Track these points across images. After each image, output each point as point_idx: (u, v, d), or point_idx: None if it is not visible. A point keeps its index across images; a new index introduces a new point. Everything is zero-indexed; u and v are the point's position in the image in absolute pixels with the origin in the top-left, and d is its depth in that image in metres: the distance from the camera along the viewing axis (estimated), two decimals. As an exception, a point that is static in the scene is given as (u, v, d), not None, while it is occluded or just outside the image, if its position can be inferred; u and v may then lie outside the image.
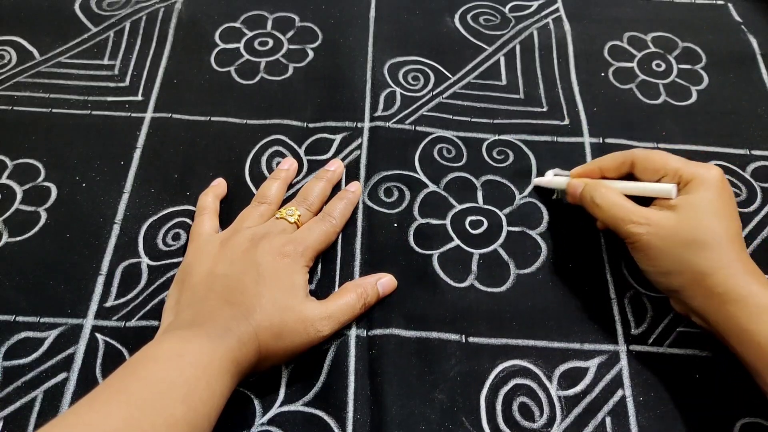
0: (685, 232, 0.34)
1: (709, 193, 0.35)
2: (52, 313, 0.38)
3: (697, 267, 0.34)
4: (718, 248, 0.34)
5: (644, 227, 0.35)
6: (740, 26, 0.55)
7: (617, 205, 0.37)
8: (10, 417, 0.35)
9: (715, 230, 0.34)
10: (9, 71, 0.49)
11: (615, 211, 0.37)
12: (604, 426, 0.35)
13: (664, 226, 0.35)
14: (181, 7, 0.55)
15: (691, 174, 0.36)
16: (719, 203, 0.35)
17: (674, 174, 0.37)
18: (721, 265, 0.33)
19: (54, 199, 0.43)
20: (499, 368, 0.37)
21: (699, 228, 0.34)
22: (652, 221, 0.35)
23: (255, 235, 0.38)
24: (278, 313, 0.35)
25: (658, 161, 0.38)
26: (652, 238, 0.35)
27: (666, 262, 0.35)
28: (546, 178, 0.44)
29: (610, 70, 0.52)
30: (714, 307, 0.33)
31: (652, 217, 0.36)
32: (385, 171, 0.45)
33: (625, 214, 0.36)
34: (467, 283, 0.40)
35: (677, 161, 0.37)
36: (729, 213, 0.35)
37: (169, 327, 0.35)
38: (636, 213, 0.36)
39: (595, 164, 0.41)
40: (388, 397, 0.36)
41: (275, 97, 0.49)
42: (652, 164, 0.38)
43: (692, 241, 0.34)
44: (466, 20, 0.55)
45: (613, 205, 0.37)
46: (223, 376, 0.31)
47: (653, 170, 0.38)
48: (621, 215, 0.37)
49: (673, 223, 0.35)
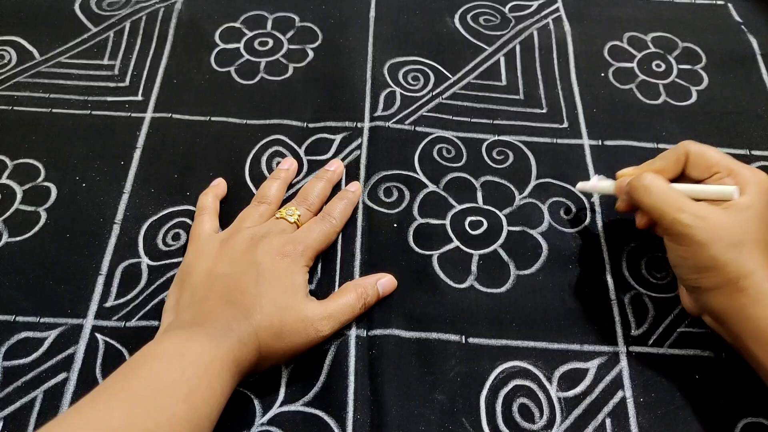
0: (733, 231, 0.33)
1: (762, 198, 0.35)
2: (52, 313, 0.38)
3: (737, 267, 0.33)
4: (760, 253, 0.33)
5: (694, 219, 0.34)
6: (740, 26, 0.55)
7: (668, 192, 0.36)
8: (10, 417, 0.35)
9: (761, 236, 0.34)
10: (9, 71, 0.49)
11: (664, 197, 0.35)
12: (604, 427, 0.35)
13: (715, 222, 0.34)
14: (181, 7, 0.55)
15: (745, 177, 0.35)
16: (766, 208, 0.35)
17: (727, 171, 0.36)
18: (758, 268, 0.33)
19: (54, 199, 0.43)
20: (499, 369, 0.37)
21: (747, 230, 0.34)
22: (701, 215, 0.34)
23: (255, 235, 0.38)
24: (278, 313, 0.35)
25: (711, 157, 0.37)
26: (698, 231, 0.34)
27: (705, 259, 0.34)
28: (591, 183, 0.42)
29: (610, 70, 0.52)
30: (741, 307, 0.33)
31: (703, 211, 0.34)
32: (385, 171, 0.45)
33: (676, 202, 0.35)
34: (467, 284, 0.40)
35: (729, 160, 0.36)
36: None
37: (169, 327, 0.35)
38: (687, 203, 0.35)
39: (648, 166, 0.39)
40: (388, 397, 0.36)
41: (275, 97, 0.49)
42: (705, 160, 0.37)
43: (739, 241, 0.33)
44: (466, 20, 0.55)
45: (664, 190, 0.36)
46: (223, 376, 0.31)
47: (705, 167, 0.37)
48: (670, 202, 0.35)
49: (725, 220, 0.34)
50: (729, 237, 0.33)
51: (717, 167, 0.36)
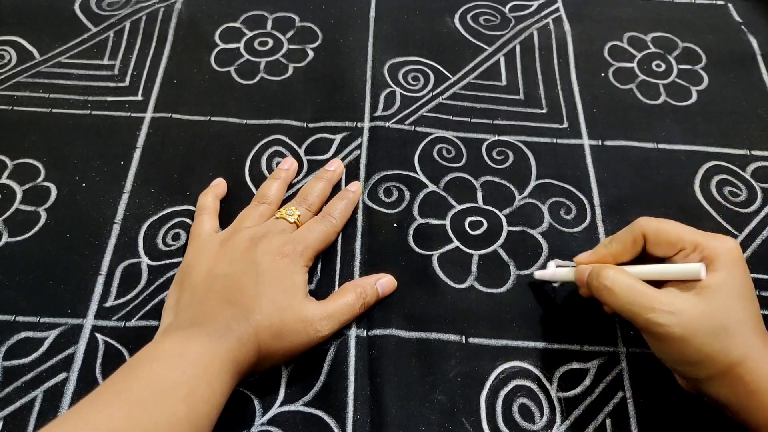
0: (713, 319, 0.31)
1: (735, 273, 0.32)
2: (52, 313, 0.38)
3: (726, 355, 0.31)
4: (746, 334, 0.31)
5: (669, 316, 0.31)
6: (740, 26, 0.55)
7: (634, 290, 0.32)
8: (10, 417, 0.35)
9: (744, 315, 0.31)
10: (9, 71, 0.49)
11: (632, 296, 0.32)
12: (604, 427, 0.35)
13: (692, 313, 0.31)
14: (181, 7, 0.55)
15: (714, 250, 0.32)
16: (743, 284, 0.32)
17: (692, 248, 0.33)
18: (749, 351, 0.31)
19: (54, 199, 0.43)
20: (499, 369, 0.37)
21: (728, 314, 0.31)
22: (677, 308, 0.31)
23: (255, 235, 0.38)
24: (278, 313, 0.35)
25: (671, 234, 0.34)
26: (675, 329, 0.31)
27: (691, 352, 0.31)
28: (549, 271, 0.39)
29: (610, 70, 0.52)
30: (742, 395, 0.31)
31: (678, 303, 0.31)
32: (385, 171, 0.45)
33: (645, 300, 0.32)
34: (467, 284, 0.40)
35: (692, 233, 0.34)
36: (751, 294, 0.33)
37: (169, 327, 0.35)
38: (658, 299, 0.32)
39: (603, 250, 0.36)
40: (388, 397, 0.36)
41: (275, 97, 0.49)
42: (665, 238, 0.34)
43: (721, 328, 0.31)
44: (466, 20, 0.55)
45: (629, 289, 0.33)
46: (223, 376, 0.31)
47: (668, 244, 0.34)
48: (639, 301, 0.32)
49: (702, 309, 0.31)
50: (710, 326, 0.31)
51: (681, 243, 0.33)
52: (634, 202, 0.44)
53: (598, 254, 0.37)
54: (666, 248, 0.34)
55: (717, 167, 0.46)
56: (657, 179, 0.45)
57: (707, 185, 0.45)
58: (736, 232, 0.43)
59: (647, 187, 0.45)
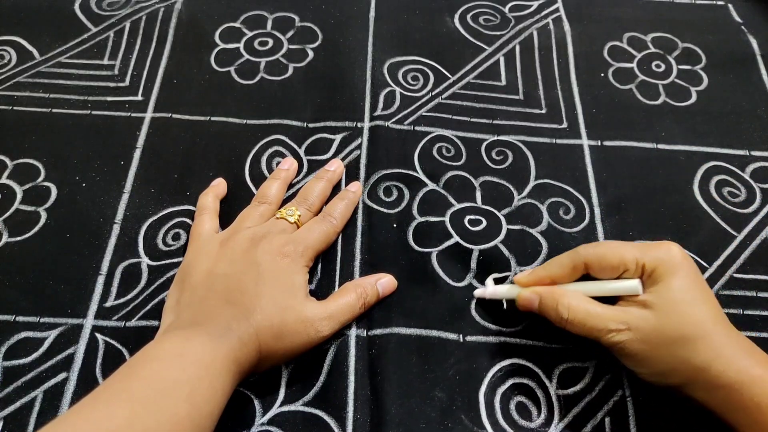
0: (668, 329, 0.32)
1: (679, 279, 0.32)
2: (52, 313, 0.38)
3: (692, 362, 0.31)
4: (707, 338, 0.31)
5: (624, 334, 0.32)
6: (740, 26, 0.55)
7: (589, 315, 0.33)
8: (10, 417, 0.35)
9: (698, 319, 0.32)
10: (9, 71, 0.49)
11: (588, 322, 0.33)
12: (603, 426, 0.36)
13: (645, 328, 0.32)
14: (181, 7, 0.55)
15: (652, 261, 0.33)
16: (692, 287, 0.33)
17: (635, 266, 0.33)
18: (715, 354, 0.31)
19: (54, 199, 0.43)
20: (497, 367, 0.37)
21: (682, 322, 0.31)
22: (631, 325, 0.32)
23: (255, 235, 0.38)
24: (278, 313, 0.35)
25: (612, 258, 0.34)
26: (635, 343, 0.32)
27: (657, 363, 0.32)
28: (489, 289, 0.39)
29: (610, 70, 0.52)
30: (721, 398, 0.31)
31: (630, 320, 0.32)
32: (385, 170, 0.45)
33: (600, 322, 0.33)
34: (466, 282, 0.40)
35: (632, 250, 0.34)
36: (704, 295, 0.33)
37: (169, 327, 0.35)
38: (612, 319, 0.33)
39: (542, 272, 0.36)
40: (388, 396, 0.36)
41: (275, 97, 0.49)
42: (607, 262, 0.34)
43: (679, 337, 0.31)
44: (466, 20, 0.55)
45: (584, 316, 0.33)
46: (224, 376, 0.31)
47: (611, 268, 0.34)
48: (597, 325, 0.33)
49: (653, 322, 0.32)
50: (665, 337, 0.31)
51: (623, 265, 0.34)
52: (633, 202, 0.44)
53: (536, 275, 0.36)
54: (610, 272, 0.34)
55: (716, 167, 0.46)
56: (656, 179, 0.45)
57: (706, 185, 0.45)
58: (735, 233, 0.43)
59: (646, 187, 0.45)
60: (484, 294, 0.39)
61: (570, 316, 0.34)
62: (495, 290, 0.38)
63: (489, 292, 0.39)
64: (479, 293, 0.39)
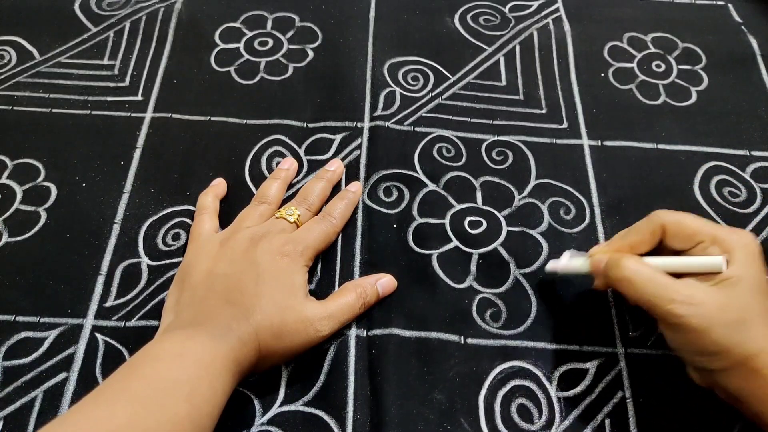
0: (732, 311, 0.31)
1: (753, 268, 0.32)
2: (52, 313, 0.38)
3: (744, 348, 0.31)
4: (763, 328, 0.31)
5: (687, 307, 0.31)
6: (740, 27, 0.55)
7: (652, 280, 0.32)
8: (10, 417, 0.35)
9: (759, 309, 0.31)
10: (9, 71, 0.49)
11: (651, 288, 0.32)
12: (603, 427, 0.36)
13: (711, 305, 0.31)
14: (181, 7, 0.55)
15: (731, 243, 0.33)
16: (761, 278, 0.32)
17: (711, 240, 0.33)
18: (766, 345, 0.31)
19: (54, 199, 0.43)
20: (498, 369, 0.37)
21: (746, 306, 0.31)
22: (696, 300, 0.31)
23: (255, 235, 0.38)
24: (278, 312, 0.35)
25: (690, 225, 0.34)
26: (694, 319, 0.31)
27: (708, 344, 0.31)
28: (562, 261, 0.38)
29: (610, 70, 0.52)
30: (756, 388, 0.31)
31: (697, 295, 0.31)
32: (385, 170, 0.45)
33: (665, 291, 0.32)
34: (466, 284, 0.40)
35: (710, 226, 0.34)
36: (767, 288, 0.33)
37: (169, 327, 0.35)
38: (677, 291, 0.32)
39: (620, 241, 0.36)
40: (388, 397, 0.36)
41: (275, 97, 0.49)
42: (685, 230, 0.34)
43: (739, 320, 0.31)
44: (466, 20, 0.55)
45: (647, 279, 0.33)
46: (224, 375, 0.31)
47: (686, 236, 0.34)
48: (658, 293, 0.32)
49: (721, 301, 0.31)
50: (728, 318, 0.31)
51: (699, 236, 0.33)
52: (633, 202, 0.44)
53: (613, 245, 0.36)
54: (684, 241, 0.34)
55: (716, 167, 0.46)
56: (656, 179, 0.45)
57: (707, 185, 0.45)
58: (735, 233, 0.43)
59: (647, 187, 0.45)
60: (556, 267, 0.38)
61: (632, 276, 0.33)
62: (569, 263, 0.38)
63: (562, 265, 0.38)
64: (552, 266, 0.39)
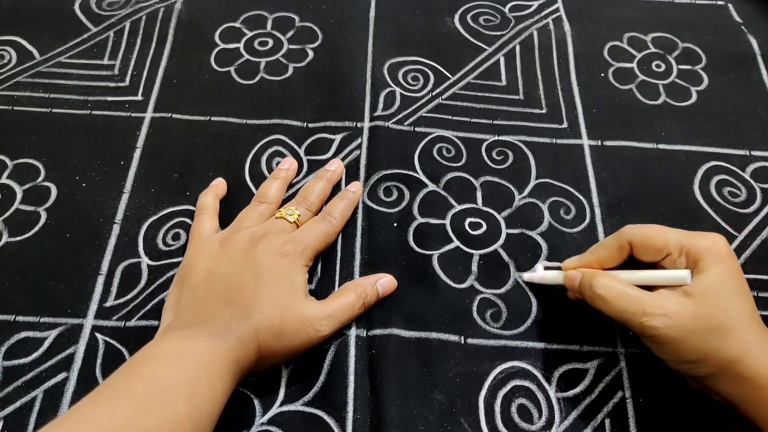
0: (706, 318, 0.31)
1: (722, 271, 0.32)
2: (52, 313, 0.38)
3: (723, 354, 0.31)
4: (742, 331, 0.31)
5: (660, 319, 0.31)
6: (740, 27, 0.55)
7: (625, 296, 0.33)
8: (10, 417, 0.35)
9: (735, 312, 0.32)
10: (9, 71, 0.49)
11: (623, 303, 0.33)
12: (603, 427, 0.36)
13: (682, 315, 0.31)
14: (181, 7, 0.55)
15: (698, 250, 0.33)
16: (733, 280, 0.33)
17: (678, 251, 0.34)
18: (747, 348, 0.31)
19: (54, 199, 0.43)
20: (498, 369, 0.37)
21: (719, 312, 0.31)
22: (668, 311, 0.32)
23: (254, 235, 0.38)
24: (278, 312, 0.35)
25: (658, 239, 0.34)
26: (669, 330, 0.31)
27: (688, 352, 0.32)
28: (538, 274, 0.40)
29: (610, 70, 0.52)
30: (747, 392, 0.31)
31: (668, 305, 0.32)
32: (385, 170, 0.45)
33: (636, 305, 0.32)
34: (467, 284, 0.40)
35: (678, 235, 0.34)
36: (743, 289, 0.33)
37: (169, 326, 0.35)
38: (649, 303, 0.32)
39: (589, 256, 0.37)
40: (388, 397, 0.36)
41: (275, 97, 0.49)
42: (652, 243, 0.34)
43: (714, 327, 0.31)
44: (466, 20, 0.55)
45: (619, 295, 0.33)
46: (224, 375, 0.31)
47: (654, 250, 0.34)
48: (631, 308, 0.32)
49: (692, 310, 0.31)
50: (702, 325, 0.31)
51: (667, 248, 0.34)
52: (633, 202, 0.44)
53: (584, 260, 0.37)
54: (653, 254, 0.35)
55: (716, 167, 0.46)
56: (656, 179, 0.45)
57: (707, 185, 0.45)
58: (735, 233, 0.43)
59: (647, 187, 0.45)
60: (533, 278, 0.40)
61: (605, 293, 0.34)
62: (544, 275, 0.39)
63: (538, 277, 0.40)
64: (528, 277, 0.40)
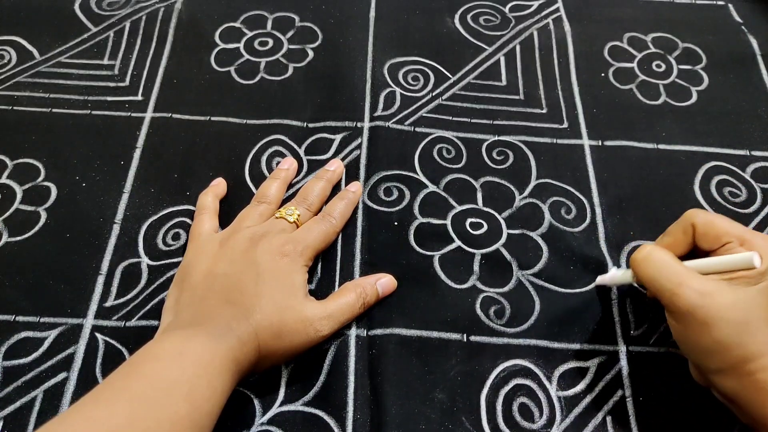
0: (739, 310, 0.30)
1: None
2: (52, 313, 0.38)
3: (743, 349, 0.30)
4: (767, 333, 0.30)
5: (695, 295, 0.31)
6: (740, 26, 0.55)
7: (666, 264, 0.32)
8: (10, 417, 0.35)
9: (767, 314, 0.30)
10: (9, 71, 0.49)
11: (666, 269, 0.32)
12: (604, 426, 0.36)
13: (720, 300, 0.30)
14: (181, 6, 0.55)
15: (757, 246, 0.33)
16: None
17: (739, 242, 0.34)
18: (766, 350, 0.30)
19: (54, 199, 0.43)
20: (500, 368, 0.37)
21: (754, 309, 0.30)
22: (706, 290, 0.31)
23: (254, 235, 0.38)
24: (278, 312, 0.35)
25: (720, 225, 0.34)
26: (701, 310, 0.30)
27: (707, 341, 0.31)
28: (608, 275, 0.39)
29: (610, 70, 0.52)
30: (751, 392, 0.30)
31: (710, 286, 0.31)
32: (385, 171, 0.45)
33: (677, 275, 0.32)
34: (469, 284, 0.40)
35: (740, 229, 0.34)
36: None
37: (169, 326, 0.35)
38: (690, 278, 0.31)
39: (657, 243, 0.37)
40: (388, 396, 0.36)
41: (275, 97, 0.49)
42: (713, 228, 0.34)
43: (745, 321, 0.30)
44: (466, 20, 0.55)
45: (660, 262, 0.33)
46: (224, 375, 0.31)
47: (714, 236, 0.34)
48: (671, 275, 0.32)
49: (730, 298, 0.30)
50: (732, 316, 0.30)
51: (727, 236, 0.34)
52: (634, 202, 0.44)
53: None
54: (712, 241, 0.35)
55: (717, 167, 0.46)
56: (657, 179, 0.45)
57: (707, 185, 0.45)
58: (736, 232, 0.43)
59: (647, 187, 0.45)
60: (604, 281, 0.40)
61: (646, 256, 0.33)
62: (613, 275, 0.39)
63: (608, 278, 0.39)
64: (600, 280, 0.40)
